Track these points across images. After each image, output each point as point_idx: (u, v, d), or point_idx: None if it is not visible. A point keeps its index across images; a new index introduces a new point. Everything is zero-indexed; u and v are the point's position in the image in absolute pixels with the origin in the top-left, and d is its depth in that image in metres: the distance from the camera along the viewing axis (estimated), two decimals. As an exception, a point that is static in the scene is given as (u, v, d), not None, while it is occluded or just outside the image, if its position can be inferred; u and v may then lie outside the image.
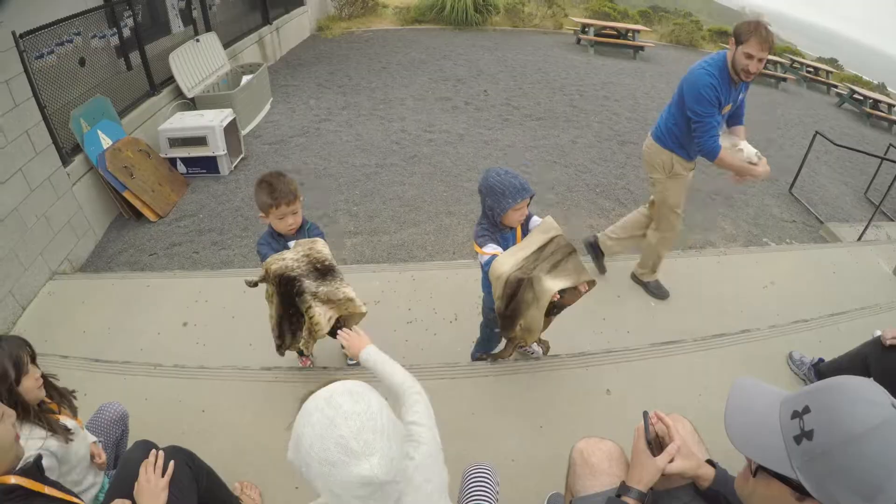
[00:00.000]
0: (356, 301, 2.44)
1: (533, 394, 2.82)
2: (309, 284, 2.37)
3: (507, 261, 2.34)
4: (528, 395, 2.81)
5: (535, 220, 2.55)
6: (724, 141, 3.14)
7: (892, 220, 6.62)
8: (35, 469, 1.46)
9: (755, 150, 3.14)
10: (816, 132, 6.64)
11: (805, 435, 0.97)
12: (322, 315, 2.39)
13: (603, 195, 5.77)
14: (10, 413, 1.45)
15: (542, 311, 2.33)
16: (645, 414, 1.52)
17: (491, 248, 2.40)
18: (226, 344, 3.31)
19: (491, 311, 2.66)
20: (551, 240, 2.42)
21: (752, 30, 2.76)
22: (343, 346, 1.97)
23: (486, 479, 1.74)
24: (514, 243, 2.48)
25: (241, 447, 2.49)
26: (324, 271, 2.41)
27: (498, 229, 2.45)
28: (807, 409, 0.99)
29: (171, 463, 1.71)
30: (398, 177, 5.76)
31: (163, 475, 1.66)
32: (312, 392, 1.16)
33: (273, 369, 2.93)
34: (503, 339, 2.92)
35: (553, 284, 2.28)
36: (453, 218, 5.01)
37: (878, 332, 2.68)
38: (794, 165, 6.72)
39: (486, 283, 2.57)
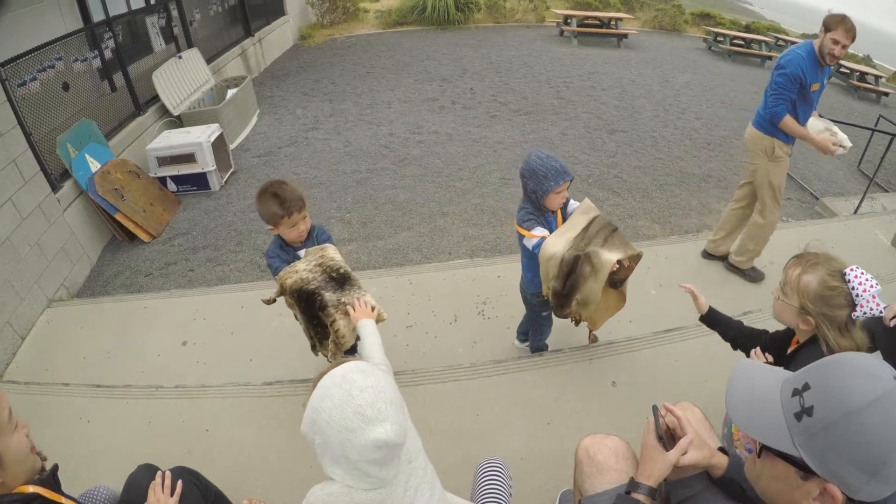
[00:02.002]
0: (377, 308, 2.39)
1: (538, 391, 2.81)
2: (330, 297, 2.31)
3: (558, 242, 2.41)
4: (534, 393, 2.80)
5: (573, 203, 2.62)
6: (818, 123, 3.60)
7: (886, 192, 6.61)
8: (52, 479, 1.46)
9: (845, 136, 3.49)
10: None
11: (805, 411, 0.96)
12: (346, 327, 2.35)
13: (596, 185, 5.77)
14: (24, 424, 1.45)
15: (600, 283, 2.38)
16: (654, 408, 1.49)
17: (539, 231, 2.45)
18: (226, 361, 3.30)
19: (535, 296, 2.72)
20: (593, 220, 2.50)
21: (839, 21, 3.18)
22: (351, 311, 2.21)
23: (498, 473, 1.74)
24: (556, 226, 2.54)
25: (247, 464, 2.48)
26: (340, 280, 2.36)
27: (541, 213, 2.49)
28: (806, 386, 0.98)
29: (179, 482, 1.71)
30: (389, 181, 5.75)
31: (171, 495, 1.66)
32: (324, 373, 1.28)
33: (275, 384, 2.91)
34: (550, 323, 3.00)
35: (611, 256, 2.35)
36: (447, 219, 4.99)
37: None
38: None
39: (529, 266, 2.63)
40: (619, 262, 2.41)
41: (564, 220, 2.58)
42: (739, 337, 2.26)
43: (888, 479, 0.89)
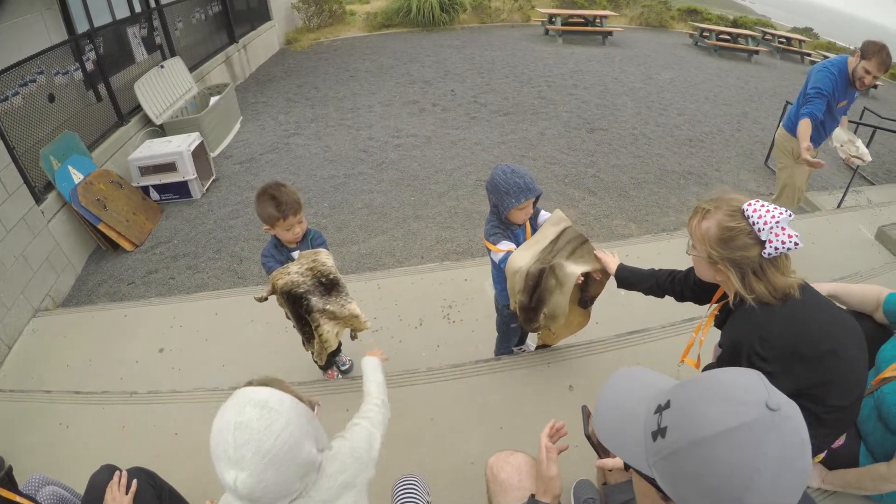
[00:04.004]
0: (361, 317, 2.49)
1: (494, 395, 2.81)
2: (316, 302, 2.40)
3: (524, 255, 2.37)
4: (490, 397, 2.81)
5: (544, 214, 2.59)
6: (843, 134, 3.80)
7: (873, 184, 6.66)
8: (7, 479, 1.57)
9: (867, 150, 3.68)
10: (787, 102, 6.57)
11: (660, 431, 0.86)
12: (330, 332, 2.47)
13: (572, 185, 5.84)
14: None
15: (566, 296, 2.35)
16: (583, 408, 1.44)
17: (505, 245, 2.42)
18: (200, 367, 3.41)
19: (505, 307, 2.70)
20: (563, 232, 2.46)
21: (876, 51, 3.32)
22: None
23: (413, 489, 1.75)
24: (524, 239, 2.50)
25: (212, 467, 2.57)
26: (329, 285, 2.44)
27: (507, 226, 2.46)
28: (668, 405, 0.88)
29: (134, 482, 1.85)
30: (366, 185, 5.85)
31: (126, 493, 1.79)
32: (251, 382, 1.25)
33: (241, 388, 3.00)
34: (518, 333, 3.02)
35: (576, 269, 2.31)
36: (421, 222, 5.09)
37: None
38: (769, 137, 6.79)
39: (498, 279, 2.61)
40: (587, 275, 2.40)
41: (535, 231, 2.55)
42: (663, 284, 2.20)
43: None
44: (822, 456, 1.96)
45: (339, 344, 2.99)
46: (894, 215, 4.74)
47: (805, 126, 3.49)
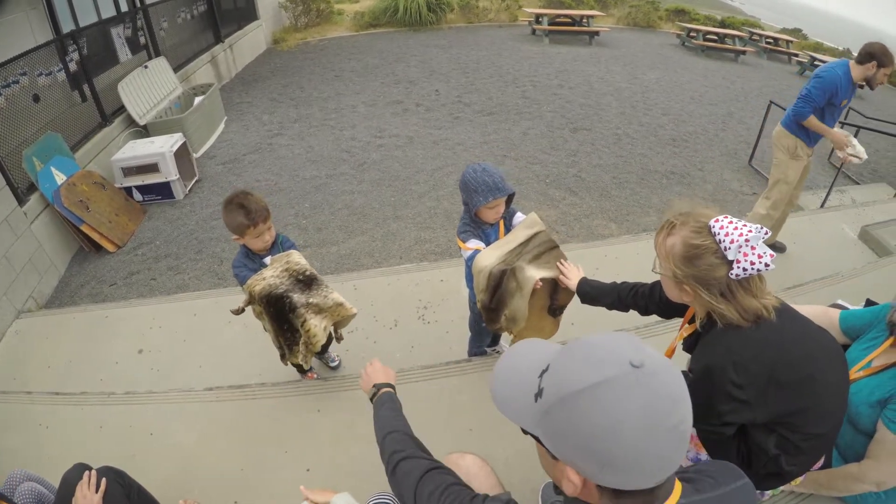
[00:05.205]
0: (345, 304, 2.51)
1: (463, 396, 2.84)
2: (298, 298, 2.42)
3: (491, 255, 2.37)
4: (459, 398, 2.82)
5: (519, 216, 2.59)
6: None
7: (857, 184, 6.75)
8: None
9: (863, 148, 3.84)
10: (771, 101, 6.70)
11: (539, 393, 0.92)
12: (318, 326, 2.47)
13: (553, 185, 5.91)
14: None
15: (525, 299, 2.35)
16: None
17: (474, 244, 2.43)
18: (178, 367, 3.46)
19: (476, 305, 2.74)
20: (534, 235, 2.45)
21: (889, 57, 3.50)
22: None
23: None
24: (495, 239, 2.51)
25: (186, 466, 2.64)
26: (307, 282, 2.47)
27: (478, 225, 2.48)
28: (548, 368, 0.94)
29: (104, 480, 1.92)
30: (347, 186, 5.89)
31: (96, 492, 1.86)
32: None
33: (215, 389, 3.07)
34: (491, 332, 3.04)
35: (535, 273, 2.31)
36: (401, 222, 5.15)
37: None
38: (754, 137, 6.89)
39: (470, 278, 2.59)
40: (556, 284, 2.43)
41: (508, 232, 2.56)
42: (625, 299, 2.17)
43: (625, 470, 0.83)
44: (799, 480, 1.88)
45: (328, 341, 2.98)
46: (878, 215, 4.82)
47: (813, 120, 3.68)
